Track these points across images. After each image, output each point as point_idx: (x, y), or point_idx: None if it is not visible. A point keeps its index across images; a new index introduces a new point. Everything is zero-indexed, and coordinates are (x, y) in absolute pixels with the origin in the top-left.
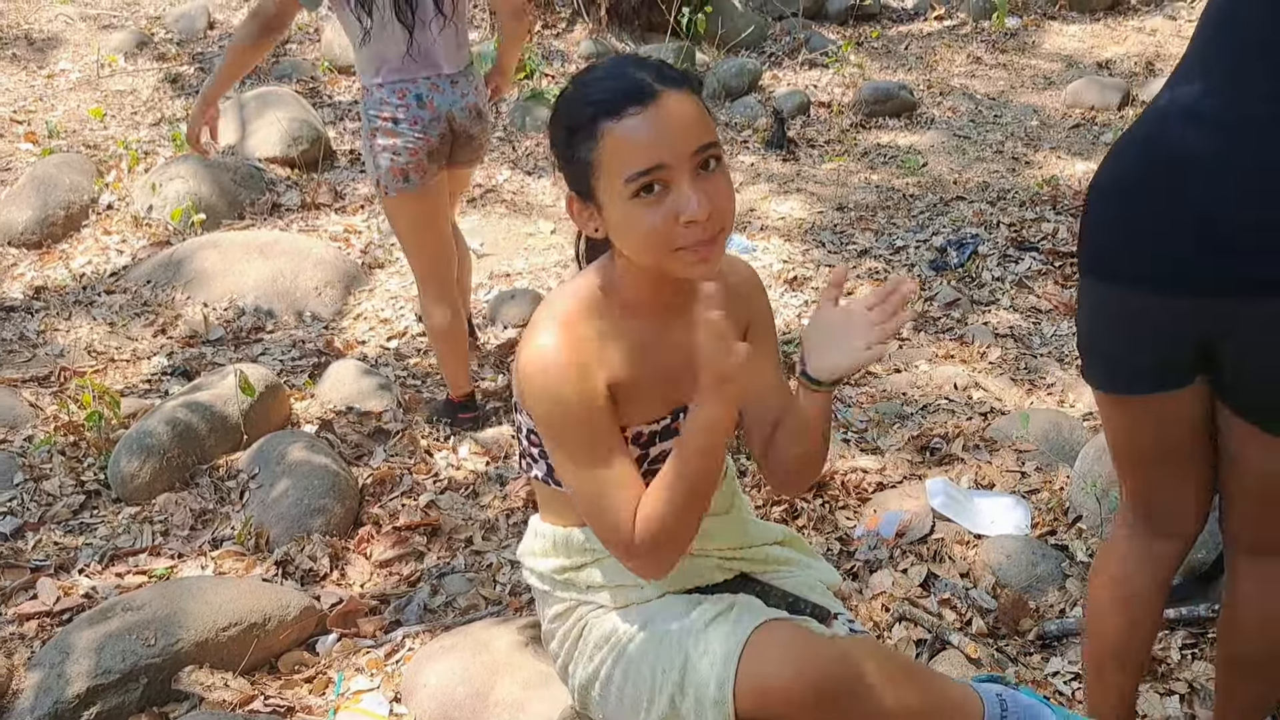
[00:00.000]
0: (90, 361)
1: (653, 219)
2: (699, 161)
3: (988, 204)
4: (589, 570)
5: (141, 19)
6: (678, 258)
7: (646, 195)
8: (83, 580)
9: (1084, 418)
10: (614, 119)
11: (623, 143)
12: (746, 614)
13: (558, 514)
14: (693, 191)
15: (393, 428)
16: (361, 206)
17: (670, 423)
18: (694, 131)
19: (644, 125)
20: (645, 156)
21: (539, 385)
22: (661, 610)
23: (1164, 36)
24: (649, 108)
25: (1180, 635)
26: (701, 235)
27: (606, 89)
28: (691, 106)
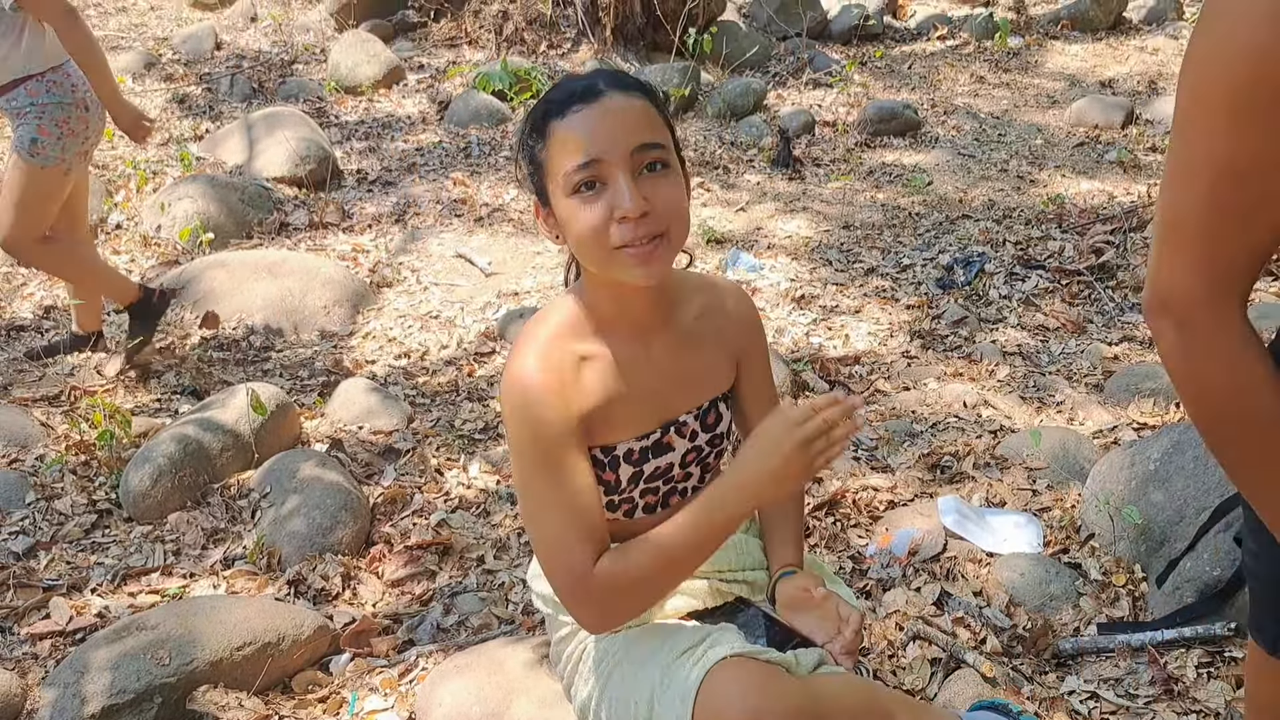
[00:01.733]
0: (100, 381)
1: (590, 215)
2: (641, 161)
3: (994, 222)
4: None
5: (149, 40)
6: (617, 258)
7: (586, 191)
8: (95, 600)
9: (1094, 436)
10: (559, 117)
11: (564, 139)
12: (715, 648)
13: None
14: (627, 187)
15: (403, 446)
16: (369, 225)
17: (661, 437)
18: (634, 129)
19: (583, 121)
20: (582, 151)
21: (512, 410)
22: (642, 638)
23: (1166, 56)
24: (591, 105)
25: (1196, 654)
26: (636, 232)
27: (560, 91)
28: (637, 107)
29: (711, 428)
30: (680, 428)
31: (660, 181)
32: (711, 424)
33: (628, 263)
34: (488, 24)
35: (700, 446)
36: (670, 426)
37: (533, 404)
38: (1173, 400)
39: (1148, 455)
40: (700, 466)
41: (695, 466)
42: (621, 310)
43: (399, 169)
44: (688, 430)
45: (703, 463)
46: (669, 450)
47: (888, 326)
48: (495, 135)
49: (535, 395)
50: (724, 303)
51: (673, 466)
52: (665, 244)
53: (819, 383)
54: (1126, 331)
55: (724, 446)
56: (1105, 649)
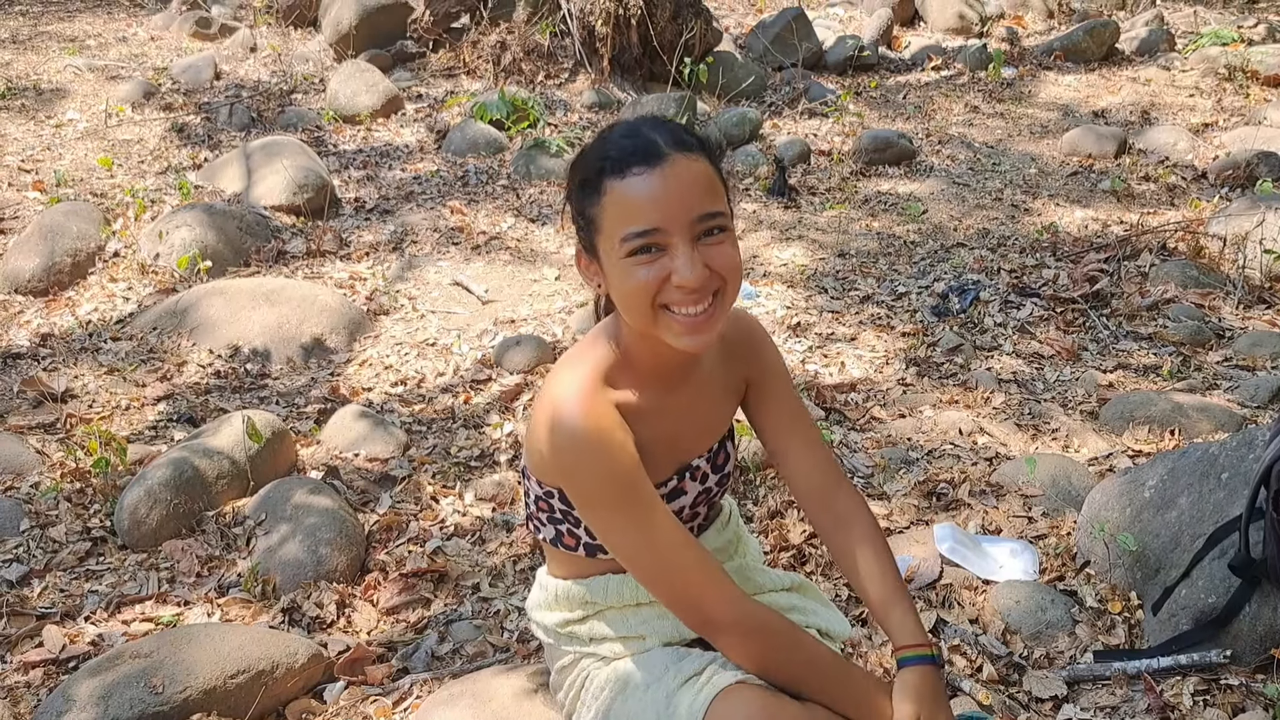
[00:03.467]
0: (96, 408)
1: (643, 275)
2: (701, 229)
3: (988, 250)
4: (591, 622)
5: (149, 69)
6: (664, 320)
7: (642, 255)
8: (89, 628)
9: (1089, 463)
10: (618, 177)
11: (623, 202)
12: (718, 675)
13: (563, 567)
14: (688, 256)
15: (399, 473)
16: (366, 253)
17: (677, 483)
18: (698, 198)
19: (646, 186)
20: (644, 218)
21: (578, 465)
22: (645, 666)
23: (1158, 86)
24: (655, 169)
25: (1193, 681)
26: (687, 300)
27: (618, 146)
28: (700, 172)
29: (720, 468)
30: (694, 472)
31: (718, 247)
32: (721, 464)
33: (675, 329)
34: (486, 54)
35: (710, 488)
36: (685, 472)
37: (608, 447)
38: (1168, 428)
39: (1143, 482)
40: (707, 505)
41: (703, 506)
42: (657, 363)
43: (396, 197)
44: (699, 473)
45: (709, 501)
46: (682, 495)
47: (883, 354)
48: (493, 164)
49: (606, 438)
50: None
51: (684, 509)
52: (718, 309)
53: (814, 409)
54: (1121, 359)
55: (728, 484)
56: (1101, 676)
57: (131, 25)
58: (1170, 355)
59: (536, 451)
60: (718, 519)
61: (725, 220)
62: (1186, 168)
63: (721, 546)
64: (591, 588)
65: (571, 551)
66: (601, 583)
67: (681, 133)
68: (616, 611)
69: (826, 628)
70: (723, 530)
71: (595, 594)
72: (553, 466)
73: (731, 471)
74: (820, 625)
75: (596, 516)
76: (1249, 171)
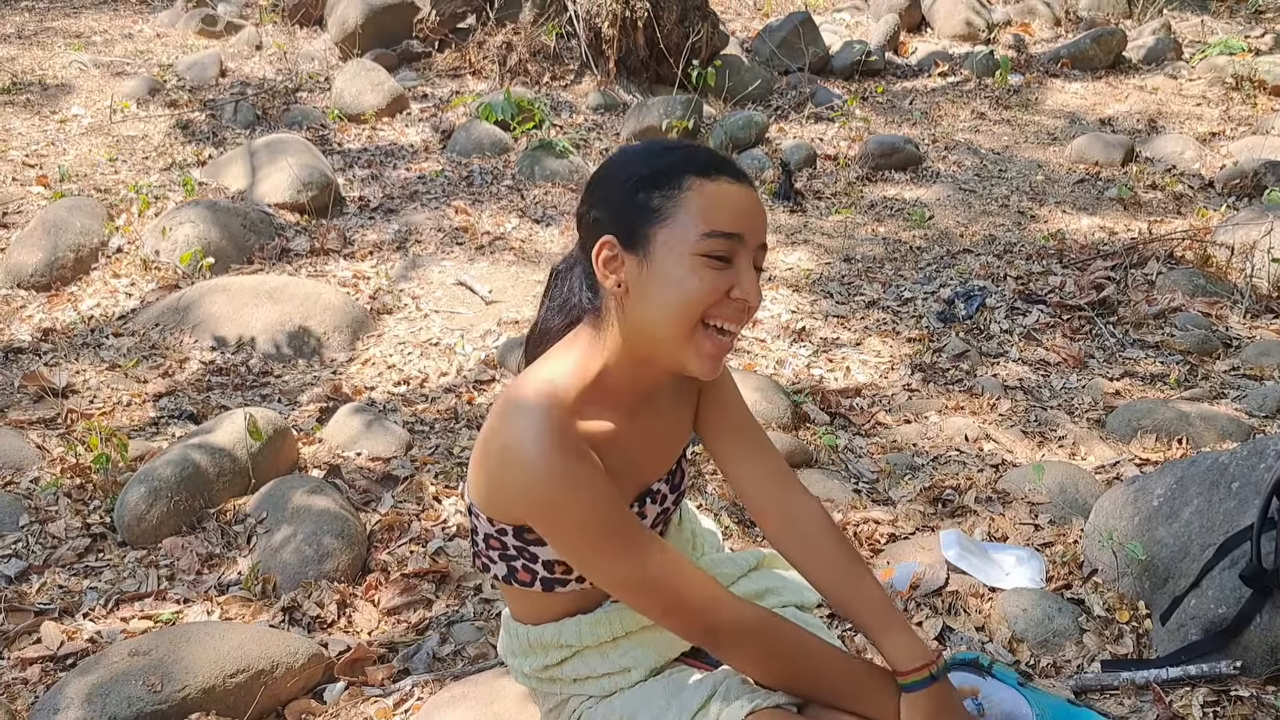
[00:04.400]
0: (97, 404)
1: (710, 279)
2: (758, 259)
3: (994, 257)
4: (570, 664)
5: (154, 66)
6: (698, 336)
7: (713, 260)
8: (87, 624)
9: (1096, 471)
10: (707, 178)
11: (714, 199)
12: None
13: (526, 611)
14: (753, 276)
15: (401, 473)
16: (370, 252)
17: (638, 509)
18: (765, 227)
19: (737, 194)
20: (734, 221)
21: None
22: (645, 703)
23: (1165, 95)
24: (742, 185)
25: (1202, 693)
26: (736, 317)
27: (699, 152)
28: (763, 205)
29: (678, 487)
30: (654, 496)
31: (760, 283)
32: (678, 483)
33: (706, 349)
34: (491, 55)
35: (668, 508)
36: (645, 497)
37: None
38: (1175, 436)
39: (1151, 491)
40: (664, 524)
41: (661, 526)
42: (631, 387)
43: (401, 197)
44: (659, 495)
45: (666, 520)
46: (643, 519)
47: (889, 359)
48: (498, 165)
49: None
50: None
51: None
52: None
53: (819, 414)
54: (1128, 367)
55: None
56: (1109, 686)
57: (137, 22)
58: (1177, 364)
59: (486, 487)
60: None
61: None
62: (1193, 176)
63: (680, 547)
64: (563, 631)
65: (527, 587)
66: (573, 625)
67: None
68: (594, 650)
69: (799, 601)
70: (678, 530)
71: (567, 638)
72: (520, 505)
73: (685, 489)
74: (793, 601)
75: (579, 551)
76: (1256, 180)
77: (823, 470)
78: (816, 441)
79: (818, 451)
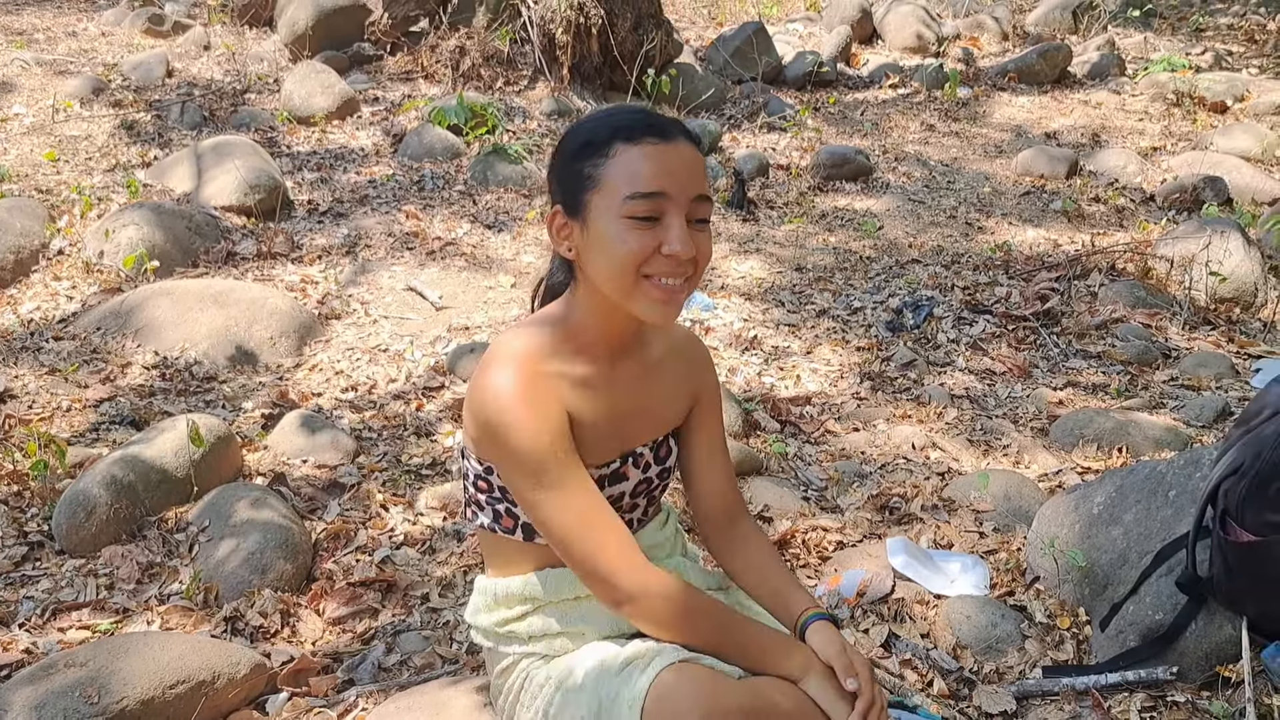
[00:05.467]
0: (36, 409)
1: (638, 239)
2: (695, 212)
3: (942, 267)
4: (530, 619)
5: (98, 65)
6: (642, 288)
7: (639, 221)
8: (22, 635)
9: (1039, 479)
10: (631, 142)
11: (634, 163)
12: (659, 657)
13: (502, 565)
14: (682, 229)
15: (347, 481)
16: (319, 257)
17: (619, 466)
18: (698, 180)
19: (658, 154)
20: (653, 181)
21: (502, 428)
22: (585, 657)
23: (1109, 110)
24: (666, 143)
25: (1140, 698)
26: (673, 270)
27: (629, 118)
28: (700, 161)
29: (663, 460)
30: (637, 459)
31: (703, 236)
32: (663, 457)
33: (653, 296)
34: (444, 59)
35: (650, 478)
36: (629, 457)
37: (534, 411)
38: (1115, 445)
39: (1092, 500)
40: (646, 498)
41: (643, 498)
42: (604, 336)
43: (350, 201)
44: (643, 461)
45: (649, 494)
46: (623, 480)
47: (838, 368)
48: (449, 169)
49: (533, 402)
50: (682, 343)
51: (624, 496)
52: (688, 287)
53: (770, 422)
54: (1070, 377)
55: (669, 480)
56: (1050, 692)
57: (82, 20)
58: (1118, 374)
59: (470, 424)
60: (657, 517)
61: (711, 211)
62: (1135, 190)
63: (659, 543)
64: (529, 584)
65: (509, 535)
66: (543, 576)
67: (683, 123)
68: (556, 606)
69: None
70: (661, 528)
71: (532, 590)
72: (483, 433)
73: (673, 468)
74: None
75: (517, 480)
76: (1195, 195)
77: (772, 478)
78: (767, 449)
79: (768, 459)
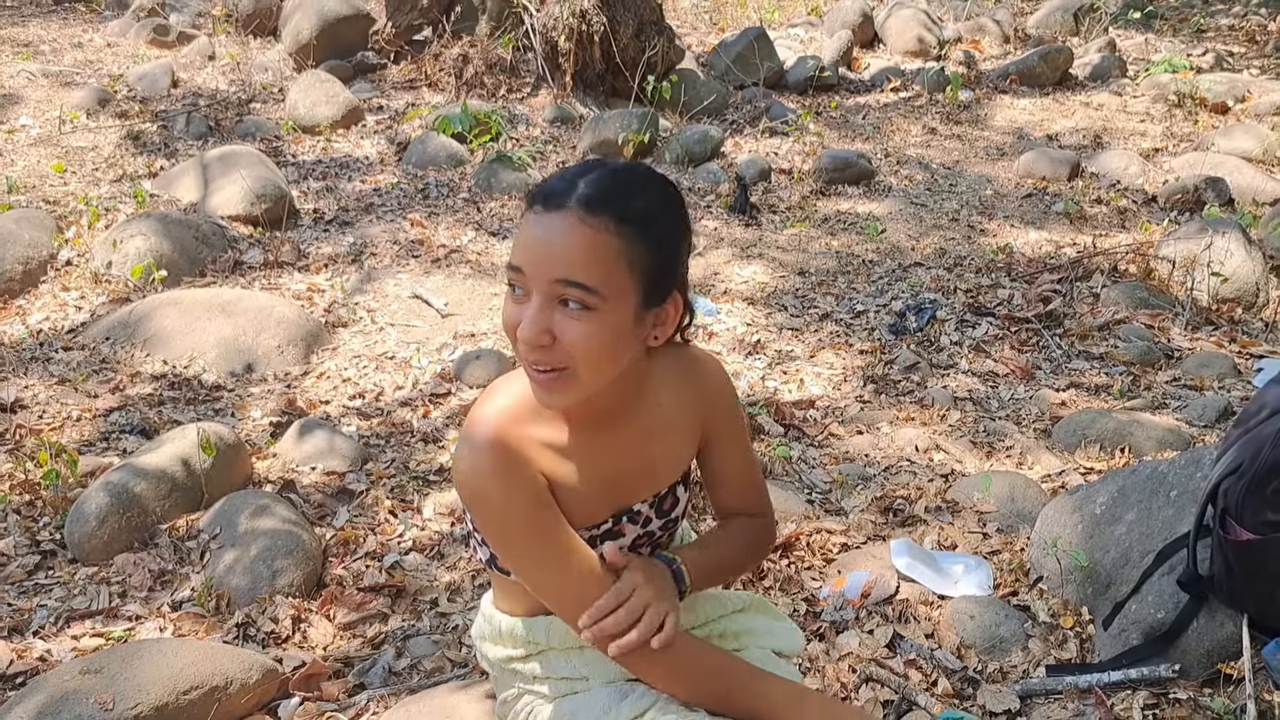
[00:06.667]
0: (47, 419)
1: (507, 314)
2: (559, 294)
3: (945, 270)
4: (532, 662)
5: (104, 76)
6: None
7: (513, 291)
8: (38, 643)
9: (1042, 480)
10: (529, 206)
11: (519, 231)
12: (664, 715)
13: (505, 600)
14: (535, 311)
15: (356, 488)
16: (325, 265)
17: (611, 526)
18: (565, 262)
19: (529, 227)
20: (516, 255)
21: (474, 502)
22: (588, 707)
23: (1110, 111)
24: (546, 215)
25: (1142, 695)
26: (530, 358)
27: (552, 180)
28: (586, 239)
29: (667, 513)
30: (634, 516)
31: (573, 322)
32: (668, 509)
33: (531, 376)
34: (448, 67)
35: (653, 531)
36: (623, 516)
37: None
38: (1118, 446)
39: (1094, 500)
40: (650, 548)
41: (645, 549)
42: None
43: (356, 209)
44: (641, 518)
45: (653, 544)
46: (619, 537)
47: (841, 371)
48: (454, 177)
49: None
50: (695, 373)
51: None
52: (568, 379)
53: (774, 426)
54: (1073, 378)
55: (675, 529)
56: (1054, 691)
57: (87, 31)
58: (1121, 375)
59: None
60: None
61: (593, 299)
62: (1137, 191)
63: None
64: (533, 629)
65: (507, 575)
66: (543, 624)
67: (610, 193)
68: (559, 653)
69: (779, 647)
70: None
71: (536, 635)
72: (462, 497)
73: (679, 518)
74: (774, 646)
75: (498, 548)
76: (1197, 196)
77: (777, 482)
78: (771, 454)
79: (772, 463)
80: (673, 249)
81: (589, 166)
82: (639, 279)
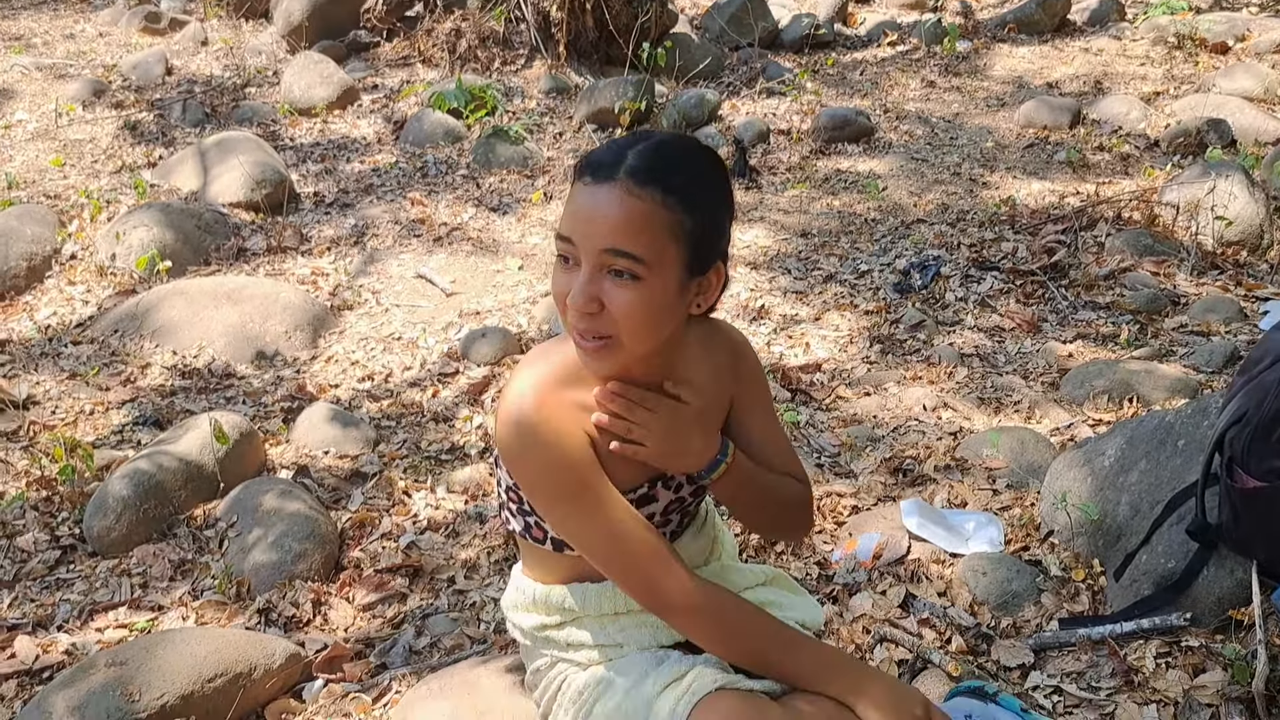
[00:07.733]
0: (60, 414)
1: (556, 279)
2: (609, 264)
3: (948, 225)
4: (568, 629)
5: (98, 67)
6: (573, 333)
7: (560, 261)
8: (62, 637)
9: (1051, 434)
10: (578, 177)
11: (568, 200)
12: (699, 681)
13: (537, 569)
14: (585, 280)
15: (369, 470)
16: (328, 248)
17: (648, 490)
18: (615, 231)
19: (579, 196)
20: (565, 223)
21: (520, 452)
22: (625, 670)
23: (1110, 56)
24: (595, 186)
25: (1155, 645)
26: (579, 325)
27: (599, 151)
28: (633, 209)
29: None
30: (667, 481)
31: (622, 290)
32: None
33: (579, 344)
34: (440, 42)
35: (684, 497)
36: (657, 481)
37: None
38: (1126, 396)
39: (1103, 452)
40: (680, 514)
41: (675, 514)
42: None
43: (356, 190)
44: (674, 483)
45: (684, 510)
46: (652, 502)
47: (847, 333)
48: (452, 154)
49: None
50: (724, 345)
51: (654, 516)
52: (613, 346)
53: (781, 391)
54: (1080, 329)
55: (704, 495)
56: (1067, 643)
57: (78, 21)
58: (1127, 323)
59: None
60: (693, 523)
61: (640, 268)
62: (1139, 137)
63: (699, 549)
64: (569, 596)
65: (540, 545)
66: (580, 591)
67: (659, 164)
68: (594, 620)
69: (801, 619)
70: (699, 534)
71: (572, 603)
72: (504, 457)
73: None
74: (796, 618)
75: (546, 507)
76: (1199, 139)
77: None
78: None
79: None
80: (717, 219)
81: (636, 138)
82: (685, 249)
